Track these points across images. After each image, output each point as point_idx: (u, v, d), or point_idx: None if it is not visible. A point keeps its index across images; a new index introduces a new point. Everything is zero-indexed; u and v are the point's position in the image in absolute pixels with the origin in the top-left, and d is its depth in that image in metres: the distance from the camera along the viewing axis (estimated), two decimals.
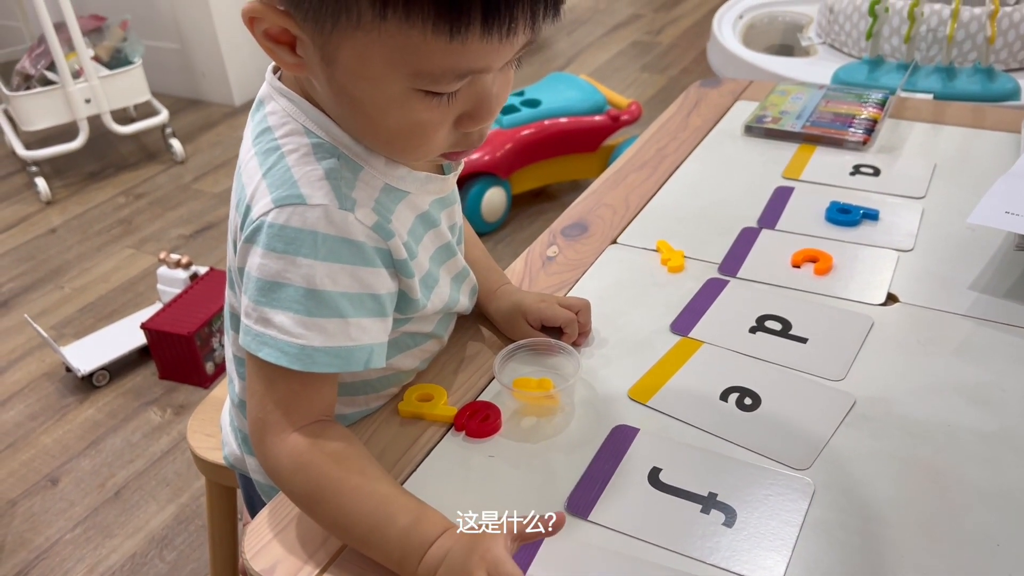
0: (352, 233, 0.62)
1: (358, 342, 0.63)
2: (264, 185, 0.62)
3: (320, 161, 0.63)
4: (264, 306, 0.61)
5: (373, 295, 0.64)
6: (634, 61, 3.31)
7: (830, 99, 1.24)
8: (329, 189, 0.62)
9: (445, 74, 0.57)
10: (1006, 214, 0.86)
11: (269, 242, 0.61)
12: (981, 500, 0.64)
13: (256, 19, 0.58)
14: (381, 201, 0.65)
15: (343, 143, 0.64)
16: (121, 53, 2.70)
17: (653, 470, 0.67)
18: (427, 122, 0.60)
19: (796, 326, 0.82)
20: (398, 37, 0.55)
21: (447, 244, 0.74)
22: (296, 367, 0.61)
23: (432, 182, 0.70)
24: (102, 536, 1.51)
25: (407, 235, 0.68)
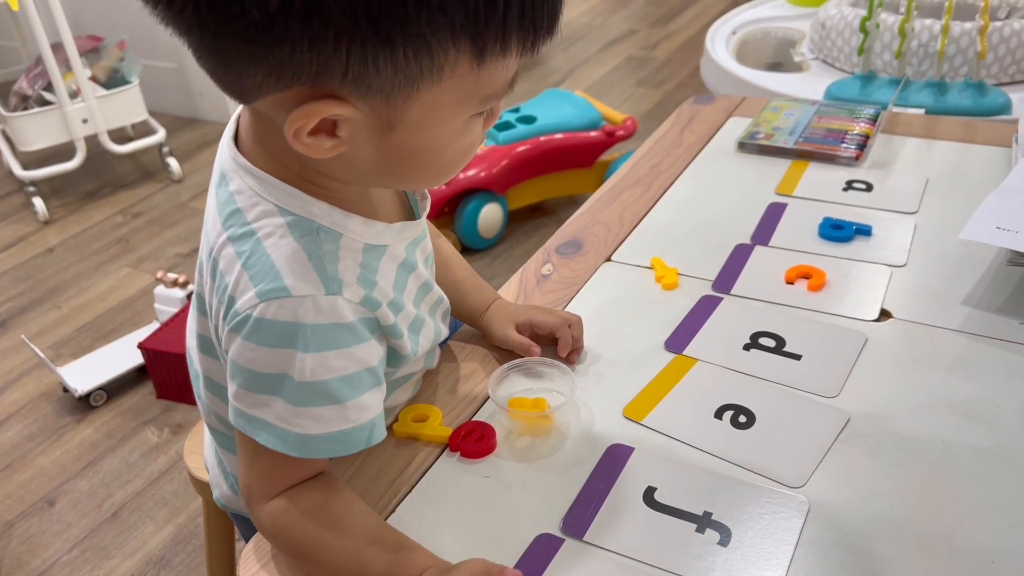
0: (342, 317, 0.61)
1: (357, 423, 0.63)
2: (246, 277, 0.60)
3: (299, 240, 0.60)
4: (258, 393, 0.61)
5: (368, 369, 0.64)
6: (629, 77, 3.33)
7: (823, 115, 1.25)
8: (314, 274, 0.60)
9: (501, 89, 0.58)
10: (997, 229, 0.86)
11: (258, 336, 0.59)
12: (976, 517, 0.64)
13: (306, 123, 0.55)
14: (365, 264, 0.64)
15: (318, 214, 0.62)
16: (118, 73, 2.71)
17: (648, 489, 0.68)
18: (477, 139, 0.62)
19: (790, 343, 0.83)
20: (477, 74, 0.55)
21: (425, 282, 0.74)
22: (294, 454, 0.61)
23: (407, 229, 0.69)
24: (100, 557, 1.51)
25: (392, 290, 0.67)
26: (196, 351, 0.72)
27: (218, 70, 0.56)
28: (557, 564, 0.62)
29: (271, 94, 0.55)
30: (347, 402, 0.62)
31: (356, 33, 0.51)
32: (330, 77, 0.53)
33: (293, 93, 0.54)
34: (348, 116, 0.55)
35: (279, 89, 0.54)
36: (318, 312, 0.59)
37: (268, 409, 0.61)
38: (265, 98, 0.56)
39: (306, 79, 0.53)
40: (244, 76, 0.54)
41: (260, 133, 0.62)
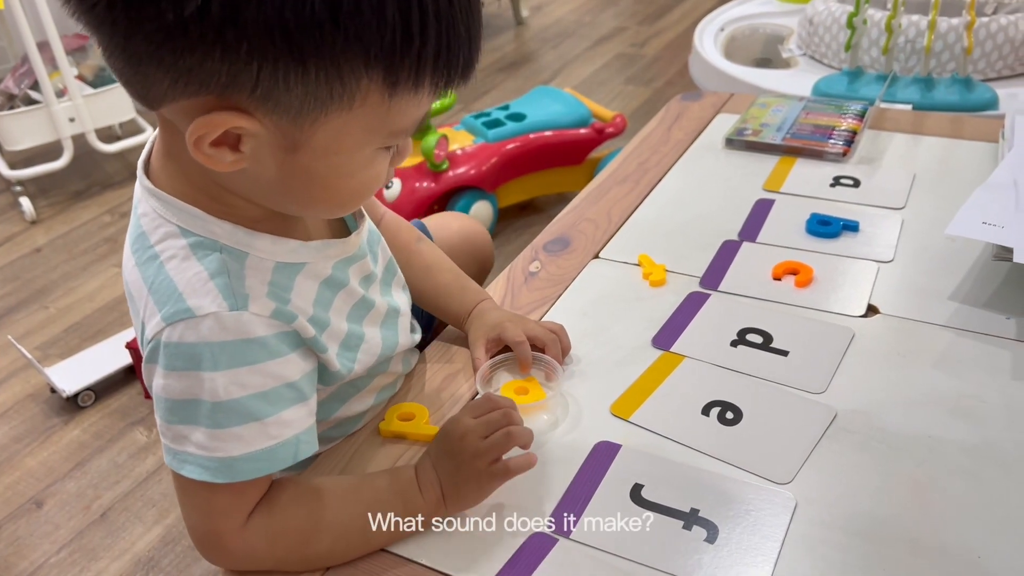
0: (250, 331, 0.59)
1: (279, 439, 0.61)
2: (152, 302, 0.60)
3: (201, 261, 0.60)
4: (176, 424, 0.60)
5: (288, 384, 0.62)
6: (619, 74, 3.32)
7: (810, 111, 1.25)
8: (216, 292, 0.59)
9: (412, 126, 0.59)
10: (983, 225, 0.86)
11: (168, 362, 0.59)
12: (963, 512, 0.64)
13: (210, 131, 0.54)
14: (276, 282, 0.63)
15: (221, 234, 0.61)
16: (105, 72, 2.70)
17: (635, 486, 0.67)
18: (382, 173, 0.62)
19: (777, 339, 0.83)
20: (388, 105, 0.56)
21: (361, 299, 0.72)
22: (220, 480, 0.59)
23: (330, 247, 0.68)
24: (88, 559, 1.50)
25: (313, 307, 0.66)
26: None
27: (126, 71, 0.54)
28: (544, 562, 0.62)
29: (177, 100, 0.54)
30: (266, 419, 0.60)
31: (270, 49, 0.50)
32: (239, 90, 0.52)
33: (200, 101, 0.53)
34: (253, 131, 0.55)
35: (186, 96, 0.53)
36: (223, 329, 0.58)
37: (188, 441, 0.59)
38: (171, 104, 0.55)
39: (214, 88, 0.52)
40: (152, 80, 0.53)
41: (168, 148, 0.62)
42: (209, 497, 0.61)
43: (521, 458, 0.65)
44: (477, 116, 2.32)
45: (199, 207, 0.61)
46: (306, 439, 0.63)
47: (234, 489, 0.60)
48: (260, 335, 0.60)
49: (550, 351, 0.80)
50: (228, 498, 0.61)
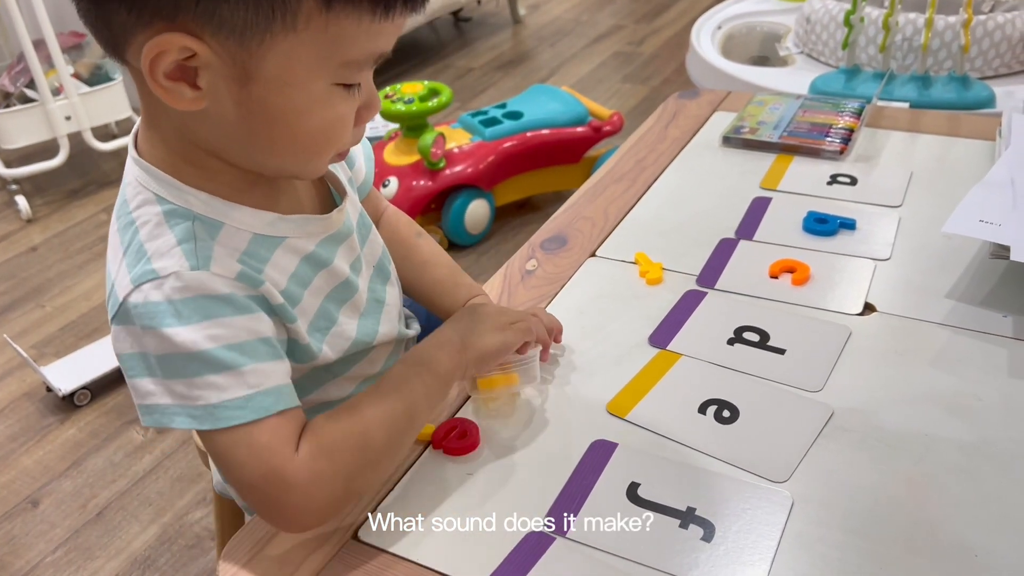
0: (212, 288, 0.60)
1: (259, 388, 0.60)
2: (124, 265, 0.61)
3: (173, 228, 0.61)
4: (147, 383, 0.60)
5: (263, 339, 0.62)
6: (616, 72, 3.32)
7: (807, 109, 1.25)
8: (180, 255, 0.60)
9: (366, 60, 0.60)
10: (980, 223, 0.86)
11: (137, 321, 0.59)
12: (959, 510, 0.64)
13: (162, 55, 0.55)
14: (251, 252, 0.64)
15: (197, 204, 0.62)
16: (101, 70, 2.69)
17: (632, 485, 0.67)
18: (344, 116, 0.62)
19: (774, 337, 0.82)
20: (332, 28, 0.56)
21: (345, 282, 0.72)
22: (207, 427, 0.59)
23: (311, 223, 0.69)
24: (84, 558, 1.49)
25: (287, 281, 0.66)
26: None
27: (90, 11, 0.57)
28: (539, 561, 0.61)
29: (136, 36, 0.56)
30: (243, 367, 0.60)
31: None
32: (185, 10, 0.54)
33: (154, 32, 0.55)
34: (205, 58, 0.56)
35: (141, 27, 0.55)
36: (184, 287, 0.59)
37: (163, 394, 0.60)
38: (132, 43, 0.56)
39: (165, 13, 0.54)
40: (111, 14, 0.56)
41: (149, 116, 0.63)
42: (251, 443, 0.60)
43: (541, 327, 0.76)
44: (474, 114, 2.32)
45: (179, 177, 0.62)
46: (288, 393, 0.63)
47: (271, 425, 0.60)
48: (223, 292, 0.60)
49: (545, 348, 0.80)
50: (269, 435, 0.60)
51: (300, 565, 0.63)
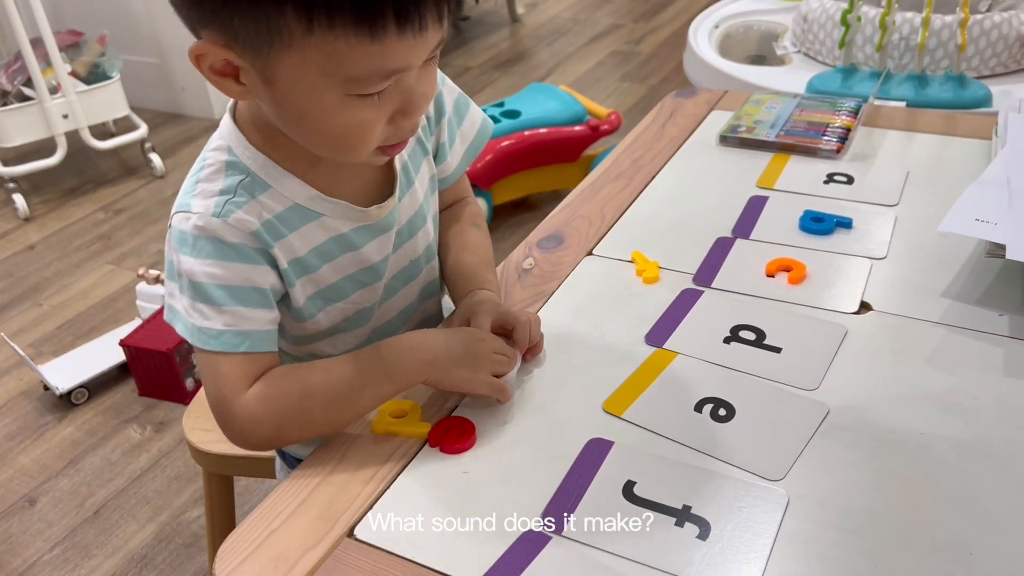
0: (223, 236, 0.71)
1: (233, 328, 0.71)
2: (183, 189, 0.74)
3: (226, 178, 0.72)
4: (173, 287, 0.73)
5: (255, 288, 0.72)
6: (614, 71, 3.32)
7: (804, 108, 1.25)
8: (212, 203, 0.71)
9: (372, 76, 0.64)
10: (976, 221, 0.86)
11: (170, 240, 0.73)
12: (954, 509, 0.64)
13: (201, 56, 0.65)
14: (284, 217, 0.74)
15: (255, 165, 0.73)
16: (99, 68, 2.69)
17: (627, 483, 0.67)
18: (364, 122, 0.67)
19: (770, 336, 0.83)
20: (325, 48, 0.62)
21: (370, 268, 0.81)
22: (193, 341, 0.71)
23: (350, 212, 0.77)
24: (81, 556, 1.50)
25: (308, 251, 0.76)
26: None
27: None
28: (535, 559, 0.62)
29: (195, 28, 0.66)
30: (224, 307, 0.71)
31: None
32: (209, 23, 0.64)
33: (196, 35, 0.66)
34: (236, 62, 0.65)
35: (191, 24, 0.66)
36: (202, 228, 0.70)
37: (177, 301, 0.72)
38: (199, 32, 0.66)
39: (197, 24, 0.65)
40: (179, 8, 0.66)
41: None
42: (216, 368, 0.71)
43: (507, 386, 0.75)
44: None
45: (251, 139, 0.73)
46: (261, 337, 0.73)
47: (234, 360, 0.71)
48: (233, 241, 0.71)
49: (517, 333, 0.79)
50: (229, 367, 0.71)
51: (296, 563, 0.63)
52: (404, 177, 0.82)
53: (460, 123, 0.90)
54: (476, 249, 0.91)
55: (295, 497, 0.69)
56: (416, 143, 0.85)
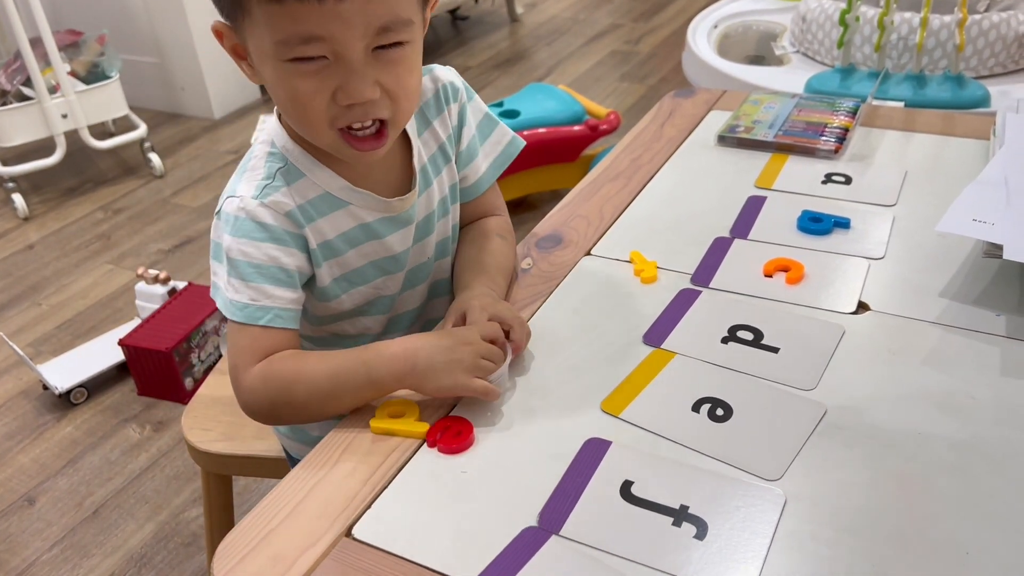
0: (259, 217, 0.78)
1: (256, 304, 0.78)
2: (232, 177, 0.83)
3: (267, 166, 0.81)
4: (217, 266, 0.80)
5: (280, 267, 0.79)
6: (613, 71, 3.32)
7: (802, 108, 1.25)
8: (254, 187, 0.79)
9: (290, 39, 0.70)
10: (973, 222, 0.86)
11: (216, 223, 0.81)
12: (951, 508, 0.64)
13: (217, 34, 0.76)
14: (315, 203, 0.81)
15: (294, 155, 0.82)
16: (98, 68, 2.69)
17: (625, 483, 0.67)
18: (303, 92, 0.73)
19: (768, 336, 0.83)
20: (258, 14, 0.70)
21: (393, 258, 0.88)
22: (224, 312, 0.79)
23: (375, 202, 0.84)
24: (80, 556, 1.50)
25: (336, 236, 0.83)
26: None
27: None
28: (532, 559, 0.62)
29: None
30: (251, 283, 0.78)
31: None
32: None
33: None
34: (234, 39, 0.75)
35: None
36: (241, 209, 0.78)
37: (220, 278, 0.80)
38: None
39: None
40: None
41: None
42: (236, 338, 0.79)
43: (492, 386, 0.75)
44: None
45: (290, 133, 0.82)
46: (282, 315, 0.79)
47: (253, 333, 0.78)
48: (266, 222, 0.78)
49: (514, 334, 0.79)
50: (246, 341, 0.78)
51: (294, 563, 0.63)
52: (423, 177, 0.88)
53: (485, 140, 0.96)
54: (496, 255, 0.93)
55: (293, 497, 0.69)
56: (438, 149, 0.91)
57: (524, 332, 0.81)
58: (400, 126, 0.81)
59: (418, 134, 0.89)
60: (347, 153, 0.78)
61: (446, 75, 0.92)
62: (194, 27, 3.00)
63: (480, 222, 0.99)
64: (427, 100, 0.90)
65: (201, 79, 3.09)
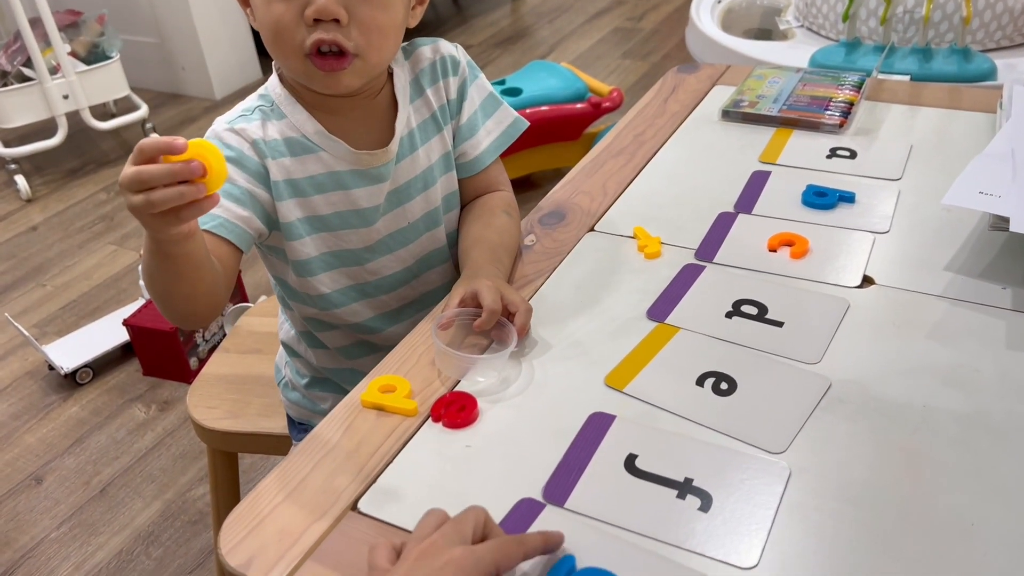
0: (224, 138, 0.84)
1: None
2: None
3: (254, 99, 0.88)
4: None
5: (235, 185, 0.83)
6: (616, 48, 3.30)
7: (807, 82, 1.24)
8: (233, 116, 0.86)
9: None
10: (980, 194, 0.86)
11: None
12: (955, 481, 0.64)
13: None
14: (290, 142, 0.86)
15: (279, 96, 0.87)
16: (98, 48, 2.68)
17: (629, 456, 0.68)
18: (277, 13, 0.78)
19: (772, 310, 0.83)
20: None
21: (358, 212, 0.89)
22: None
23: (343, 152, 0.86)
24: (88, 534, 1.51)
25: (303, 177, 0.86)
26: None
27: None
28: (537, 528, 0.62)
29: None
30: None
31: None
32: None
33: None
34: None
35: None
36: (213, 132, 0.85)
37: None
38: None
39: None
40: None
41: None
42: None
43: None
44: None
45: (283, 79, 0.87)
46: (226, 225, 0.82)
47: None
48: (229, 143, 0.84)
49: (519, 318, 0.79)
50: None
51: (299, 537, 0.63)
52: (408, 141, 0.90)
53: (488, 118, 0.97)
54: (502, 232, 0.93)
55: (299, 472, 0.69)
56: (429, 117, 0.92)
57: (528, 318, 0.80)
58: (372, 66, 0.82)
59: (410, 100, 0.91)
60: (316, 78, 0.81)
61: (448, 48, 0.94)
62: (194, 7, 2.98)
63: (485, 197, 0.99)
64: (423, 68, 0.92)
65: (202, 59, 3.08)
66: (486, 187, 1.00)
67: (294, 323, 1.00)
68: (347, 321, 0.95)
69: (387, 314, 0.97)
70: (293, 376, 1.04)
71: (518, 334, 0.78)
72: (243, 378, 1.19)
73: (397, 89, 0.90)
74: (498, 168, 1.00)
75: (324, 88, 0.83)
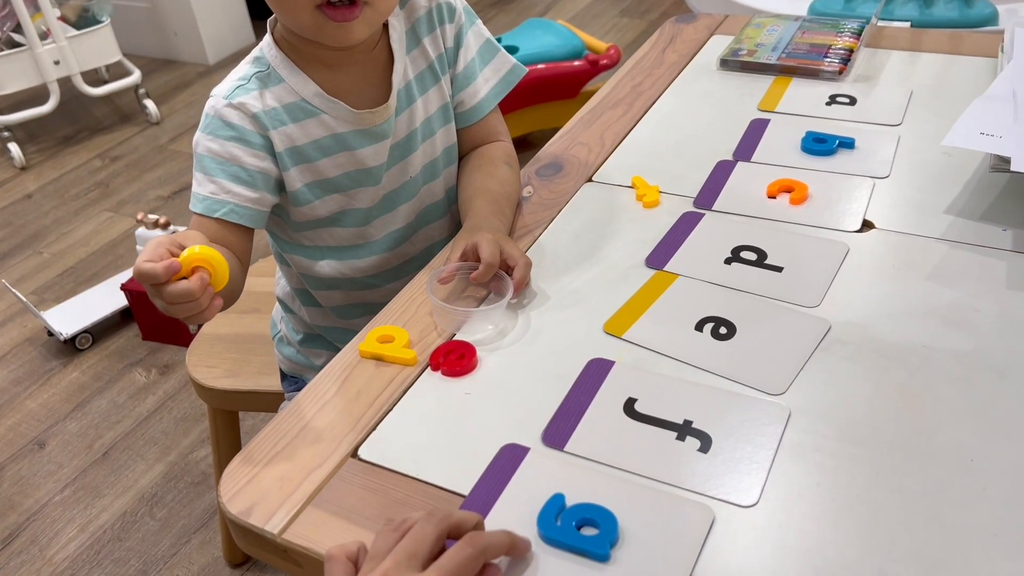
0: (225, 116, 0.82)
1: (216, 196, 0.82)
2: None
3: (249, 67, 0.85)
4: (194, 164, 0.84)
5: (241, 166, 0.82)
6: (613, 6, 3.26)
7: (806, 30, 1.23)
8: (229, 88, 0.83)
9: None
10: (981, 135, 0.85)
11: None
12: (955, 417, 0.64)
13: None
14: (289, 108, 0.84)
15: (276, 61, 0.85)
16: (88, 12, 2.64)
17: (628, 400, 0.67)
18: None
19: (771, 255, 0.82)
20: None
21: (367, 171, 0.88)
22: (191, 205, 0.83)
23: (344, 113, 0.85)
24: (92, 496, 1.51)
25: (307, 143, 0.85)
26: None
27: None
28: (536, 474, 0.62)
29: None
30: (213, 177, 0.82)
31: None
32: None
33: None
34: None
35: None
36: (212, 108, 0.83)
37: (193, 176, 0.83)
38: None
39: None
40: None
41: None
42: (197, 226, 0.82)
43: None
44: None
45: (277, 41, 0.85)
46: (238, 211, 0.82)
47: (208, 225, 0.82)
48: (232, 121, 0.82)
49: (517, 272, 0.78)
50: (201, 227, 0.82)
51: (300, 483, 0.63)
52: (405, 93, 0.89)
53: (485, 65, 0.95)
54: (504, 183, 0.92)
55: (299, 420, 0.69)
56: (427, 68, 0.91)
57: (527, 272, 0.80)
58: (380, 13, 0.81)
59: (406, 51, 0.89)
60: (327, 30, 0.78)
61: None
62: None
63: (486, 147, 0.98)
64: (419, 17, 0.90)
65: (194, 24, 3.04)
66: (485, 136, 0.98)
67: (290, 280, 0.99)
68: (345, 277, 0.94)
69: (386, 272, 0.96)
70: (288, 331, 1.04)
71: (516, 288, 0.78)
72: (242, 337, 1.19)
73: (393, 40, 0.88)
74: (497, 117, 0.99)
75: (334, 41, 0.80)
